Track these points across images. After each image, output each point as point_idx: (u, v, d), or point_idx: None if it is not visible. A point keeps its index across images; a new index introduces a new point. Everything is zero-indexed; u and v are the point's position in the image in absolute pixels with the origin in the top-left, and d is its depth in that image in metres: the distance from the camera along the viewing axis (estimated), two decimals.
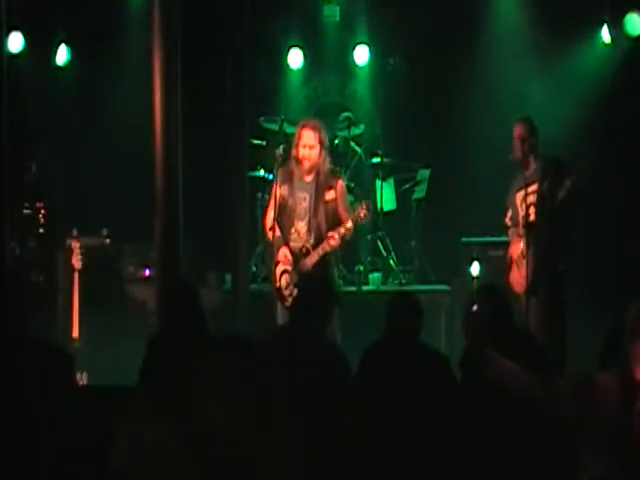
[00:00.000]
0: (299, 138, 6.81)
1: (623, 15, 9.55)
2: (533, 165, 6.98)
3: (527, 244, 6.84)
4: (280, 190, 6.85)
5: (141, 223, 7.66)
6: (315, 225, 6.79)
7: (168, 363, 4.63)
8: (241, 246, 8.55)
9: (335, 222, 6.78)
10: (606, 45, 9.67)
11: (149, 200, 7.15)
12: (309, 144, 6.76)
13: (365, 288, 8.90)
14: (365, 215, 6.68)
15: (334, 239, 6.67)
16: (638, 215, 9.20)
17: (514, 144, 7.02)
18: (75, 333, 7.35)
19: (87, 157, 9.56)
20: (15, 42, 9.37)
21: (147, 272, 8.47)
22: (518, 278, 6.90)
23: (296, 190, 6.81)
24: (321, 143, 6.79)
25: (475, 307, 4.88)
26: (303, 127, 6.87)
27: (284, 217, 6.86)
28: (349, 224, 6.67)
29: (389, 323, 4.99)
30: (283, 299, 6.84)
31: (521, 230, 6.96)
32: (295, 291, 6.65)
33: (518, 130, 7.03)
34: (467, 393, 4.69)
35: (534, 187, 6.92)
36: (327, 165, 6.87)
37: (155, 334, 5.09)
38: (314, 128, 6.84)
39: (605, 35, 9.62)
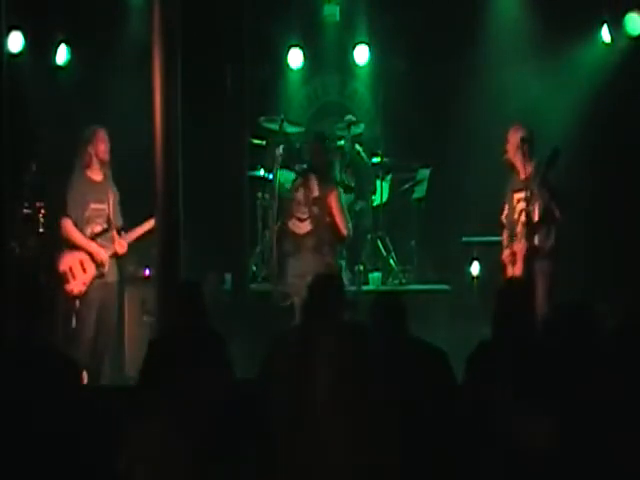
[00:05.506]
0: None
1: (623, 15, 9.55)
2: (529, 169, 6.98)
3: (527, 246, 6.88)
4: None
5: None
6: (314, 216, 7.46)
7: (174, 363, 4.62)
8: (241, 246, 8.56)
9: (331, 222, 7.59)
10: (606, 45, 9.67)
11: (149, 200, 7.15)
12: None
13: (365, 288, 8.90)
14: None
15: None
16: (637, 214, 9.20)
17: (508, 148, 7.04)
18: None
19: None
20: (15, 42, 9.34)
21: (147, 272, 8.46)
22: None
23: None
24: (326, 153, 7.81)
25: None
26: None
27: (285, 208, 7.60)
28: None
29: (371, 326, 4.99)
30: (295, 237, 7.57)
31: (517, 232, 6.98)
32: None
33: (513, 136, 7.04)
34: (466, 389, 4.68)
35: (526, 194, 6.92)
36: (325, 169, 7.72)
37: (157, 336, 5.08)
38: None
39: (605, 35, 9.62)
